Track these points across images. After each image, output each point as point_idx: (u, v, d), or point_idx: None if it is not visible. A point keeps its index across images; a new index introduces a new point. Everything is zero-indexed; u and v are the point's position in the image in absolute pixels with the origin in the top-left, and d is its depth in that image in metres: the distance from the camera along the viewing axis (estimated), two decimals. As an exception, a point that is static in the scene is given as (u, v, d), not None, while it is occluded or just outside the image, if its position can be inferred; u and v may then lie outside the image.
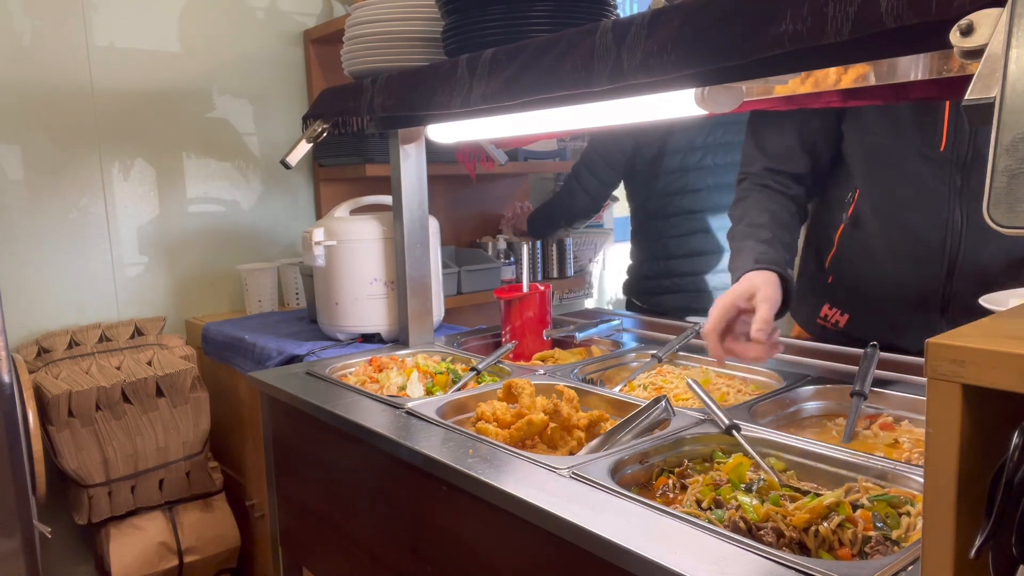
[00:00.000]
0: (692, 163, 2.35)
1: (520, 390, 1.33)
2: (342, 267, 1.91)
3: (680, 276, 2.36)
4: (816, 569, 0.78)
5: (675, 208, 2.36)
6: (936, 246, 1.42)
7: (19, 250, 2.25)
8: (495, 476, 1.05)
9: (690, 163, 2.35)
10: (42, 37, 2.24)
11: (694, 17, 0.94)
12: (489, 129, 1.64)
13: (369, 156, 2.47)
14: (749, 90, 1.19)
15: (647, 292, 2.43)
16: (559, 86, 1.13)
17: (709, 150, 2.35)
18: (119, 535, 2.11)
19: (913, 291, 1.47)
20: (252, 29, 2.61)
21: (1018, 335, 0.56)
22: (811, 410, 1.35)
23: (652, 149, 2.35)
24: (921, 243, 1.44)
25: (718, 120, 2.32)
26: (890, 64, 1.09)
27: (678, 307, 2.36)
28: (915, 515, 0.91)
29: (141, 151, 2.44)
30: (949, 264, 1.41)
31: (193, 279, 2.57)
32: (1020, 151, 0.56)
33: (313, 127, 1.73)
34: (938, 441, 0.57)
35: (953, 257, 1.41)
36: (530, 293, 1.77)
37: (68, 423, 1.98)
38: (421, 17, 1.60)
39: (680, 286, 2.36)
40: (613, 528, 0.89)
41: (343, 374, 1.67)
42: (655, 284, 2.40)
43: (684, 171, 2.34)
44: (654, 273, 2.41)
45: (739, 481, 1.03)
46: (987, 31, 0.62)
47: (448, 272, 2.52)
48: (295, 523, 1.67)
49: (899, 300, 1.50)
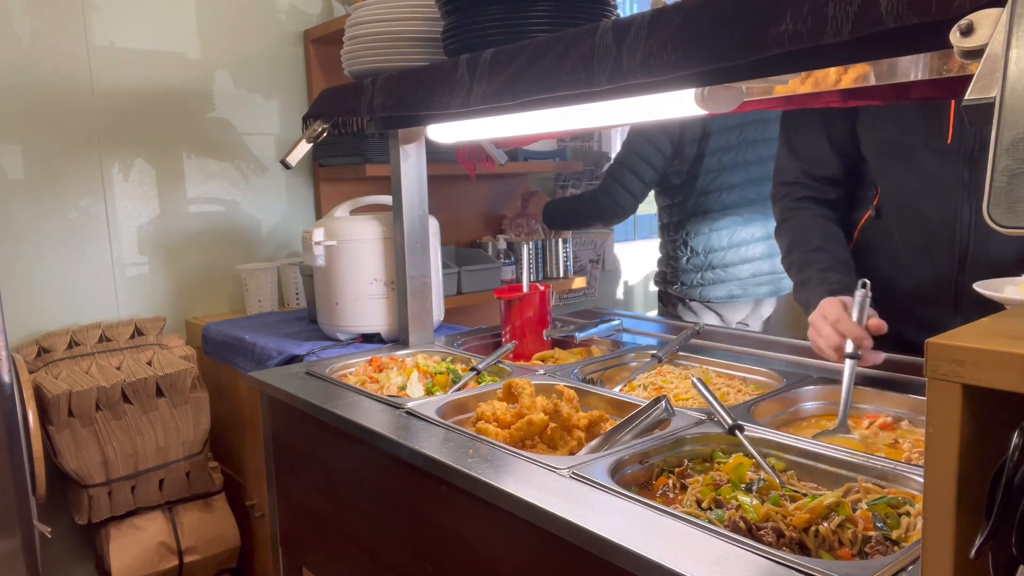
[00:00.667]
0: (728, 162, 2.54)
1: (520, 390, 1.33)
2: (342, 267, 1.91)
3: (723, 267, 2.57)
4: (816, 569, 0.78)
5: (714, 204, 2.56)
6: (946, 239, 1.42)
7: (19, 250, 2.25)
8: (495, 476, 1.05)
9: (726, 162, 2.54)
10: (42, 37, 2.23)
11: (694, 17, 0.94)
12: (489, 129, 1.64)
13: (369, 156, 2.47)
14: (749, 90, 1.19)
15: (690, 284, 2.61)
16: (559, 86, 1.13)
17: (741, 148, 2.55)
18: (119, 535, 2.11)
19: (926, 285, 1.47)
20: (252, 29, 2.61)
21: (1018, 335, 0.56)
22: (811, 410, 1.35)
23: (692, 150, 2.52)
24: (932, 236, 1.44)
25: (745, 118, 2.52)
26: (890, 64, 1.09)
27: (722, 295, 2.58)
28: (915, 515, 0.91)
29: (141, 151, 2.44)
30: (960, 257, 1.41)
31: (193, 279, 2.57)
32: (1020, 151, 0.56)
33: (313, 127, 1.73)
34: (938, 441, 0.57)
35: (963, 250, 1.41)
36: (530, 293, 1.77)
37: (68, 423, 1.98)
38: (421, 17, 1.60)
39: (723, 276, 2.57)
40: (613, 528, 0.89)
41: (343, 374, 1.67)
42: (698, 276, 2.59)
43: (721, 170, 2.54)
44: (696, 266, 2.59)
45: (739, 481, 1.03)
46: (987, 31, 0.62)
47: (448, 272, 2.52)
48: (295, 523, 1.67)
49: (913, 294, 1.50)
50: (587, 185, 3.45)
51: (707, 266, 2.57)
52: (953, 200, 1.40)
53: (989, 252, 1.39)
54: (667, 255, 2.70)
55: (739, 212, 2.56)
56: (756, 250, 2.58)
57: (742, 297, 2.58)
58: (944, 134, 1.38)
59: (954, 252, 1.42)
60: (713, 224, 2.56)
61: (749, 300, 2.60)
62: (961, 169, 1.38)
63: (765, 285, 2.59)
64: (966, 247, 1.40)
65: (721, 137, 2.51)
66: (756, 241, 2.58)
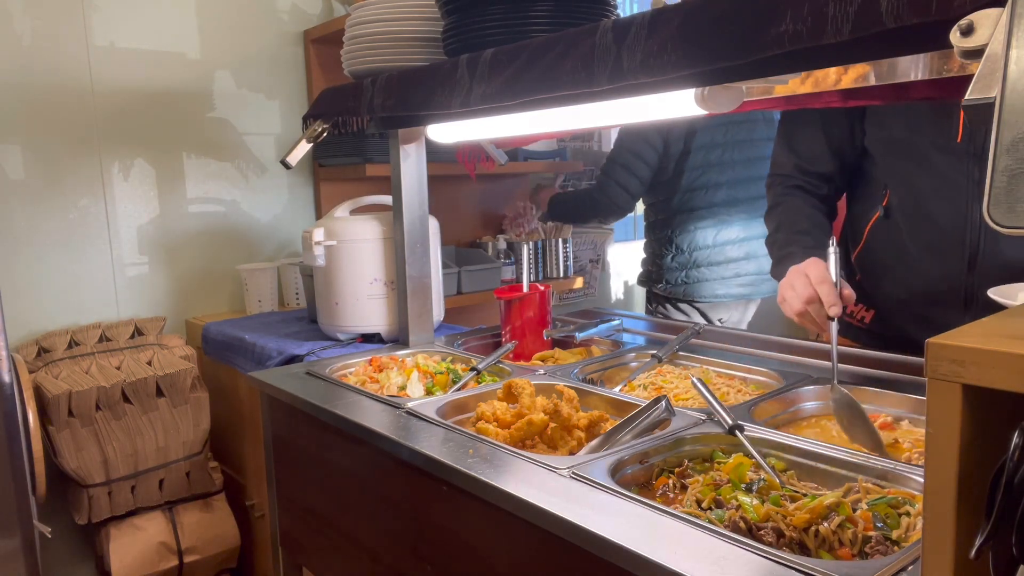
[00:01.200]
0: (714, 159, 2.54)
1: (520, 390, 1.33)
2: (342, 267, 1.91)
3: (707, 266, 2.57)
4: (816, 569, 0.78)
5: (699, 202, 2.56)
6: (957, 239, 1.42)
7: (19, 250, 2.25)
8: (495, 476, 1.05)
9: (712, 159, 2.54)
10: (42, 37, 2.24)
11: (694, 17, 0.94)
12: (489, 129, 1.64)
13: (369, 156, 2.47)
14: (749, 90, 1.19)
15: (674, 282, 2.61)
16: (559, 86, 1.13)
17: (728, 147, 2.55)
18: (119, 535, 2.11)
19: (936, 285, 1.47)
20: (252, 29, 2.61)
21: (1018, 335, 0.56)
22: (811, 410, 1.35)
23: (679, 146, 2.53)
24: (943, 236, 1.44)
25: (732, 118, 2.51)
26: (890, 64, 1.09)
27: (706, 294, 2.58)
28: (915, 515, 0.91)
29: (141, 151, 2.44)
30: (970, 257, 1.41)
31: (193, 279, 2.57)
32: (1020, 151, 0.56)
33: (313, 127, 1.73)
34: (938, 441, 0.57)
35: (974, 250, 1.40)
36: (530, 293, 1.77)
37: (68, 423, 1.98)
38: (421, 17, 1.60)
39: (707, 275, 2.57)
40: (613, 528, 0.89)
41: (343, 374, 1.67)
42: (683, 274, 2.60)
43: (707, 167, 2.54)
44: (681, 264, 2.59)
45: (739, 481, 1.03)
46: (987, 31, 0.62)
47: (448, 272, 2.52)
48: (295, 523, 1.67)
49: (923, 294, 1.50)
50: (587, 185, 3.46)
51: (692, 264, 2.57)
52: (963, 200, 1.39)
53: (1000, 252, 1.38)
54: (652, 253, 2.71)
55: (725, 211, 2.56)
56: (741, 250, 2.58)
57: (724, 297, 2.58)
58: (954, 133, 1.37)
59: (964, 252, 1.41)
60: (699, 222, 2.56)
61: (732, 300, 2.61)
62: (971, 168, 1.38)
63: (750, 286, 2.59)
64: (976, 247, 1.40)
65: (707, 134, 2.52)
66: (741, 241, 2.58)
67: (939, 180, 1.42)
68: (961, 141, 1.37)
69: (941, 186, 1.42)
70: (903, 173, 1.49)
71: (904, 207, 1.50)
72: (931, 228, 1.45)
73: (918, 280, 1.50)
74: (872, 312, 1.61)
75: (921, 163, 1.44)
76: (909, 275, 1.52)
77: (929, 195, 1.44)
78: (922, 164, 1.44)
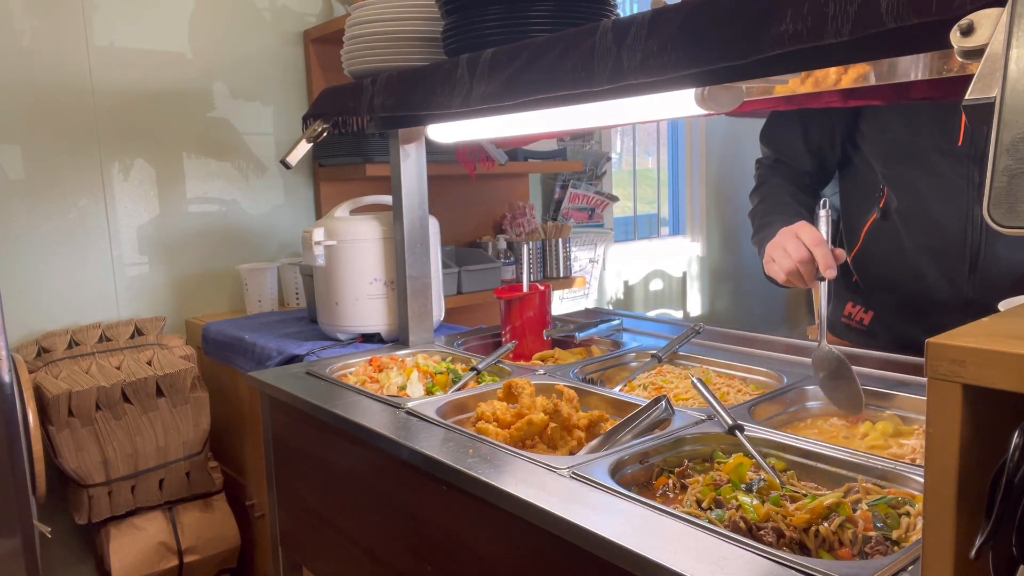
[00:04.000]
0: None
1: (520, 390, 1.32)
2: (342, 267, 1.91)
3: None
4: (816, 569, 0.78)
5: None
6: (958, 241, 1.42)
7: (19, 250, 2.25)
8: (495, 476, 1.05)
9: None
10: (42, 37, 2.23)
11: (694, 17, 0.94)
12: (489, 129, 1.64)
13: (369, 156, 2.47)
14: (749, 90, 1.19)
15: None
16: (559, 86, 1.13)
17: None
18: (119, 535, 2.11)
19: (937, 286, 1.47)
20: (252, 29, 2.61)
21: (1018, 335, 0.56)
22: (811, 410, 1.35)
23: None
24: (943, 238, 1.44)
25: None
26: (890, 64, 1.09)
27: None
28: (915, 515, 0.91)
29: (141, 151, 2.44)
30: (971, 259, 1.41)
31: (193, 279, 2.57)
32: (1020, 151, 0.56)
33: (313, 127, 1.73)
34: (938, 441, 0.57)
35: (975, 252, 1.40)
36: (530, 293, 1.77)
37: (68, 423, 1.98)
38: (421, 17, 1.60)
39: None
40: (613, 528, 0.89)
41: (343, 374, 1.67)
42: None
43: None
44: None
45: (739, 481, 1.03)
46: (987, 31, 0.62)
47: (448, 272, 2.52)
48: (295, 523, 1.67)
49: (923, 295, 1.50)
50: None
51: None
52: (964, 202, 1.39)
53: (1000, 254, 1.38)
54: None
55: None
56: None
57: None
58: (955, 135, 1.37)
59: (965, 254, 1.41)
60: None
61: None
62: (972, 170, 1.38)
63: None
64: (977, 249, 1.40)
65: None
66: None
67: (940, 182, 1.42)
68: (963, 144, 1.37)
69: (942, 189, 1.42)
70: (903, 175, 1.49)
71: (904, 209, 1.50)
72: (932, 230, 1.45)
73: (918, 281, 1.50)
74: (871, 314, 1.61)
75: (922, 165, 1.44)
76: (909, 277, 1.51)
77: (930, 197, 1.44)
78: (923, 166, 1.44)
